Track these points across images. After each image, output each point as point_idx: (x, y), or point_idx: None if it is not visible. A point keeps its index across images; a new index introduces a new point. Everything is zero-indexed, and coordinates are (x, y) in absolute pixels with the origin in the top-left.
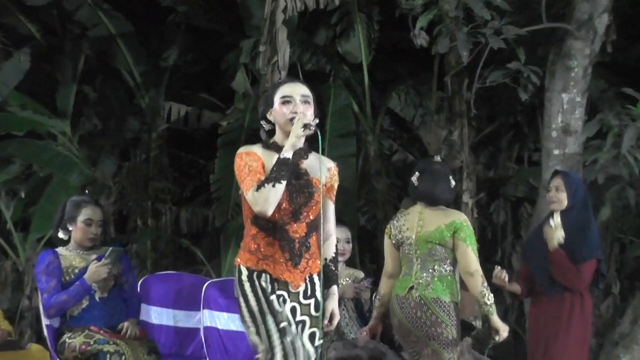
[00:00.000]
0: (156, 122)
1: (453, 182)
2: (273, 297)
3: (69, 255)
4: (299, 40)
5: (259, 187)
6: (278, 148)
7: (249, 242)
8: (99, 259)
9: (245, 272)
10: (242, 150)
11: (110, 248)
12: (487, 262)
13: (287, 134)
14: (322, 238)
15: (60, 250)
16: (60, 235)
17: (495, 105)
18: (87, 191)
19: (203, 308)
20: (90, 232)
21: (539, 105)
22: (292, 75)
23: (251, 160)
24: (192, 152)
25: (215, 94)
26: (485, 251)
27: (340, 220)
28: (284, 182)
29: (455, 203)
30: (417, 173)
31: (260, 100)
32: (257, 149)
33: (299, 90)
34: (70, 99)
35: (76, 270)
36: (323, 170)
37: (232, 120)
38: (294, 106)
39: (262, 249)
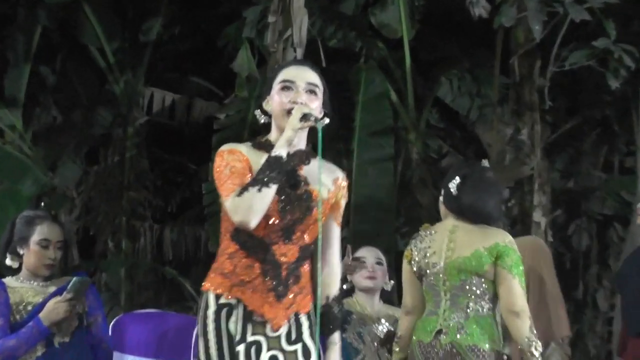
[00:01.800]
0: (133, 113)
1: (505, 195)
2: (240, 348)
3: (19, 288)
4: (321, 8)
5: (241, 192)
6: (271, 147)
7: (224, 262)
8: (58, 292)
9: (212, 306)
10: (224, 147)
11: (74, 278)
12: (566, 299)
13: (283, 130)
14: (320, 269)
15: (8, 281)
16: (8, 262)
17: (577, 95)
18: (42, 204)
19: (193, 358)
20: (47, 256)
21: (633, 96)
22: (312, 54)
23: (234, 159)
24: (179, 154)
25: (210, 77)
26: (561, 285)
27: (371, 244)
28: (274, 187)
29: (523, 222)
30: (457, 179)
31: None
32: (243, 148)
33: (304, 75)
34: (22, 83)
35: (29, 307)
36: (327, 180)
37: (231, 112)
38: (295, 94)
39: (238, 272)
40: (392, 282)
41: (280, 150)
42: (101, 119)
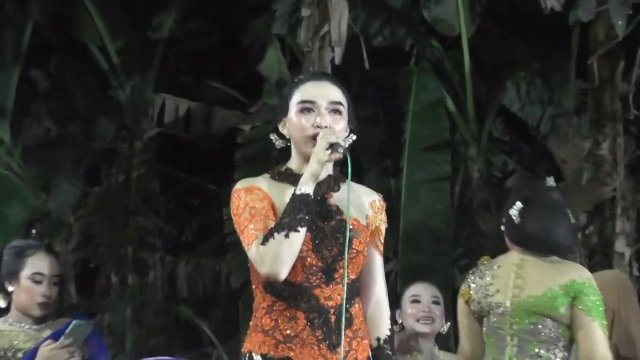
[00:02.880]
0: (141, 125)
1: (573, 220)
2: None
3: (8, 332)
4: (364, 1)
5: (265, 239)
6: (294, 178)
7: (263, 318)
8: (54, 336)
9: None
10: (240, 185)
11: (72, 321)
12: None
13: (306, 158)
14: (369, 307)
15: None
16: None
17: None
18: (34, 231)
19: None
20: (41, 293)
21: None
22: (353, 54)
23: (254, 199)
24: (196, 173)
25: (232, 82)
26: None
27: (424, 278)
28: (303, 230)
29: (604, 253)
30: (518, 204)
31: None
32: (262, 182)
33: (326, 93)
34: (9, 89)
35: (19, 355)
36: (363, 205)
37: (258, 123)
38: (317, 117)
39: (281, 327)
40: (449, 323)
41: (306, 187)
42: (103, 131)
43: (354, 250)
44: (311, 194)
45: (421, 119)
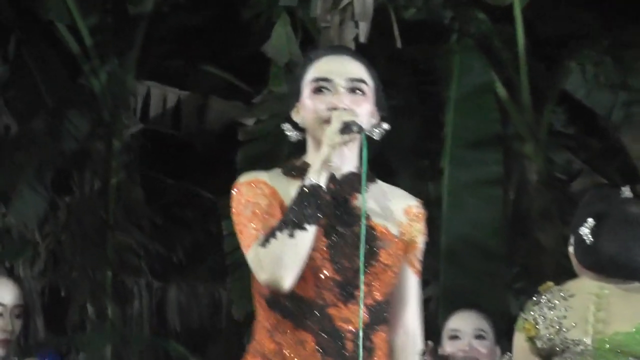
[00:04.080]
0: (121, 120)
1: None
2: None
3: None
4: None
5: (266, 240)
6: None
7: (264, 340)
8: None
9: None
10: (242, 179)
11: None
12: None
13: (320, 146)
14: (397, 337)
15: None
16: None
17: None
18: None
19: None
20: (0, 328)
21: None
22: (381, 30)
23: (256, 194)
24: (188, 178)
25: (231, 66)
26: None
27: (470, 306)
28: (312, 229)
29: None
30: (590, 220)
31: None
32: (269, 176)
33: (344, 68)
34: None
35: None
36: (395, 210)
37: (264, 116)
38: (333, 96)
39: (285, 353)
40: (510, 355)
41: (316, 176)
42: (74, 128)
43: (381, 264)
44: (323, 185)
45: (465, 108)
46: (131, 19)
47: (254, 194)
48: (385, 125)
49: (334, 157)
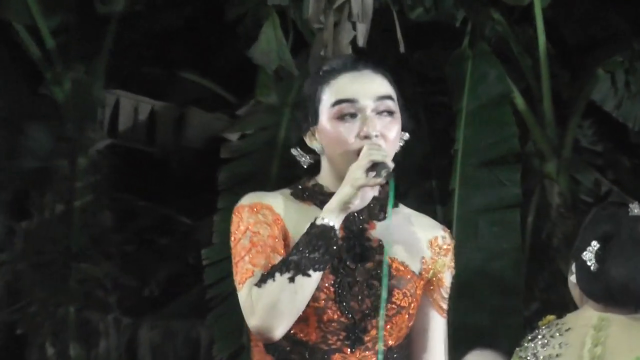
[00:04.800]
0: (87, 134)
1: None
2: None
3: None
4: None
5: (263, 280)
6: (324, 198)
7: None
8: None
9: None
10: (245, 200)
11: None
12: None
13: (342, 176)
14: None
15: None
16: None
17: None
18: None
19: None
20: None
21: None
22: (383, 33)
23: (259, 222)
24: (163, 201)
25: (213, 73)
26: None
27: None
28: (316, 276)
29: None
30: (594, 244)
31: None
32: (275, 200)
33: (370, 86)
34: None
35: None
36: (418, 241)
37: (250, 130)
38: (363, 123)
39: None
40: None
41: (330, 217)
42: (34, 143)
43: (395, 306)
44: (336, 227)
45: (479, 122)
46: (100, 19)
47: (255, 221)
48: (406, 135)
49: (355, 198)
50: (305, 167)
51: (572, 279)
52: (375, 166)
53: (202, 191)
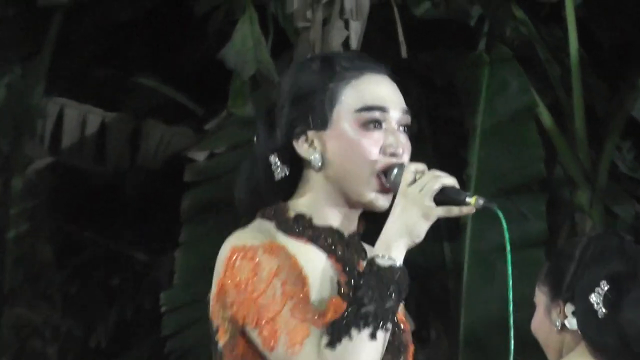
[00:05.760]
0: (23, 150)
1: None
2: None
3: None
4: None
5: (336, 339)
6: (318, 233)
7: None
8: None
9: None
10: (248, 240)
11: None
12: None
13: (352, 204)
14: None
15: None
16: None
17: None
18: None
19: None
20: None
21: None
22: (382, 33)
23: (284, 268)
24: (114, 232)
25: (177, 78)
26: None
27: None
28: (389, 329)
29: None
30: (603, 284)
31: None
32: (275, 237)
33: (397, 94)
34: None
35: None
36: None
37: (220, 148)
38: (392, 136)
39: None
40: None
41: (397, 254)
42: None
43: None
44: (400, 265)
45: (497, 141)
46: (41, 13)
47: (280, 266)
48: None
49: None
50: (277, 179)
51: (569, 324)
52: (444, 191)
53: (161, 221)
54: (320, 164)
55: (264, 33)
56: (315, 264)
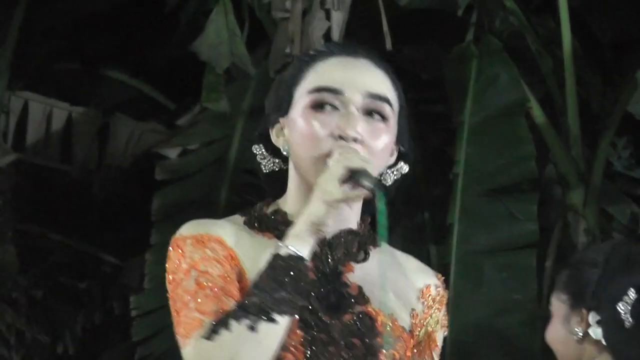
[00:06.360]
0: None
1: None
2: None
3: None
4: None
5: (214, 330)
6: (286, 229)
7: None
8: None
9: None
10: (186, 230)
11: None
12: None
13: (310, 190)
14: None
15: None
16: None
17: None
18: None
19: None
20: None
21: None
22: (366, 25)
23: (207, 259)
24: (82, 234)
25: (147, 72)
26: None
27: None
28: (285, 322)
29: None
30: (631, 292)
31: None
32: (226, 230)
33: (362, 77)
34: None
35: None
36: (406, 291)
37: (193, 145)
38: (343, 118)
39: None
40: None
41: (299, 243)
42: None
43: None
44: (306, 257)
45: (486, 138)
46: (2, 3)
47: (201, 257)
48: (405, 168)
49: (328, 218)
50: (265, 171)
51: (594, 333)
52: (353, 175)
53: (131, 222)
54: (288, 152)
55: (240, 24)
56: (264, 260)
